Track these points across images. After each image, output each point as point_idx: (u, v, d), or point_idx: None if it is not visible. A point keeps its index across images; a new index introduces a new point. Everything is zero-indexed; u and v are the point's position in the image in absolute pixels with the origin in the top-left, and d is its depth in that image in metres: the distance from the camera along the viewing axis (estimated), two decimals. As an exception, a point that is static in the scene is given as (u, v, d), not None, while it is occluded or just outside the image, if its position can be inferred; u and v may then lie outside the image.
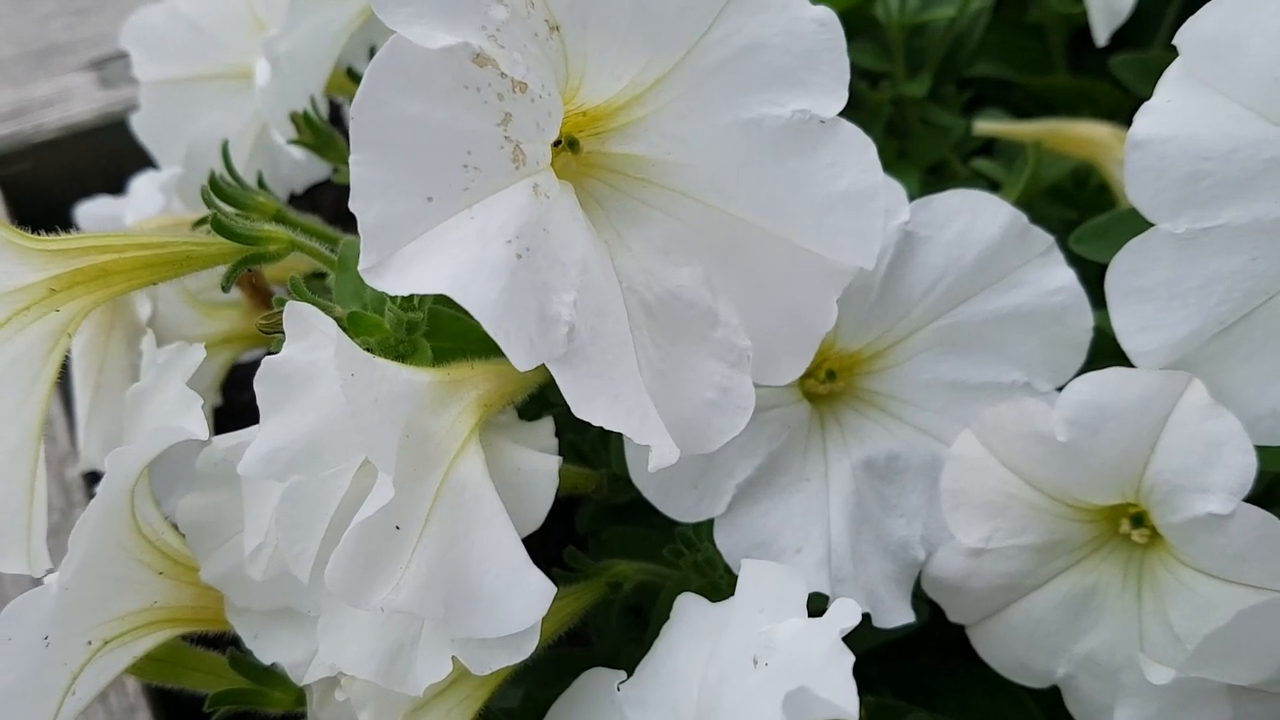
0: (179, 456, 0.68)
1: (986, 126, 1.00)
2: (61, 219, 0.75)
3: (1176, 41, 0.59)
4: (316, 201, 1.11)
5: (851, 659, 0.50)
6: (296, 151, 0.91)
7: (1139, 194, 0.60)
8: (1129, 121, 0.61)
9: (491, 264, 0.50)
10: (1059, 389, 0.66)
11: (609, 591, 0.73)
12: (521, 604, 0.55)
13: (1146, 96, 0.60)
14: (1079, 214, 0.96)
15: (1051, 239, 0.70)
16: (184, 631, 0.69)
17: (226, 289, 0.65)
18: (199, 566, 0.65)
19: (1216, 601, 0.62)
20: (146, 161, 1.03)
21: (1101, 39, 0.92)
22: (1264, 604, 0.58)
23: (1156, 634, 0.65)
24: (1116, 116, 1.00)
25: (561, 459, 0.64)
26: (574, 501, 0.84)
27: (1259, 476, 0.60)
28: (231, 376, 0.97)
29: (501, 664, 0.57)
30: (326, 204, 1.15)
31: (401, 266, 0.49)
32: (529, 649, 0.56)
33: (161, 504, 0.72)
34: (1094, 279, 0.67)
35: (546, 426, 0.67)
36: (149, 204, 0.93)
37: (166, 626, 0.67)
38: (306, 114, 0.87)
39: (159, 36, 0.97)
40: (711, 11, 0.58)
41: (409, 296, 0.63)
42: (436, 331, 0.65)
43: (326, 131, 0.87)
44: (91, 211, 1.04)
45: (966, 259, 0.68)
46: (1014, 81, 1.10)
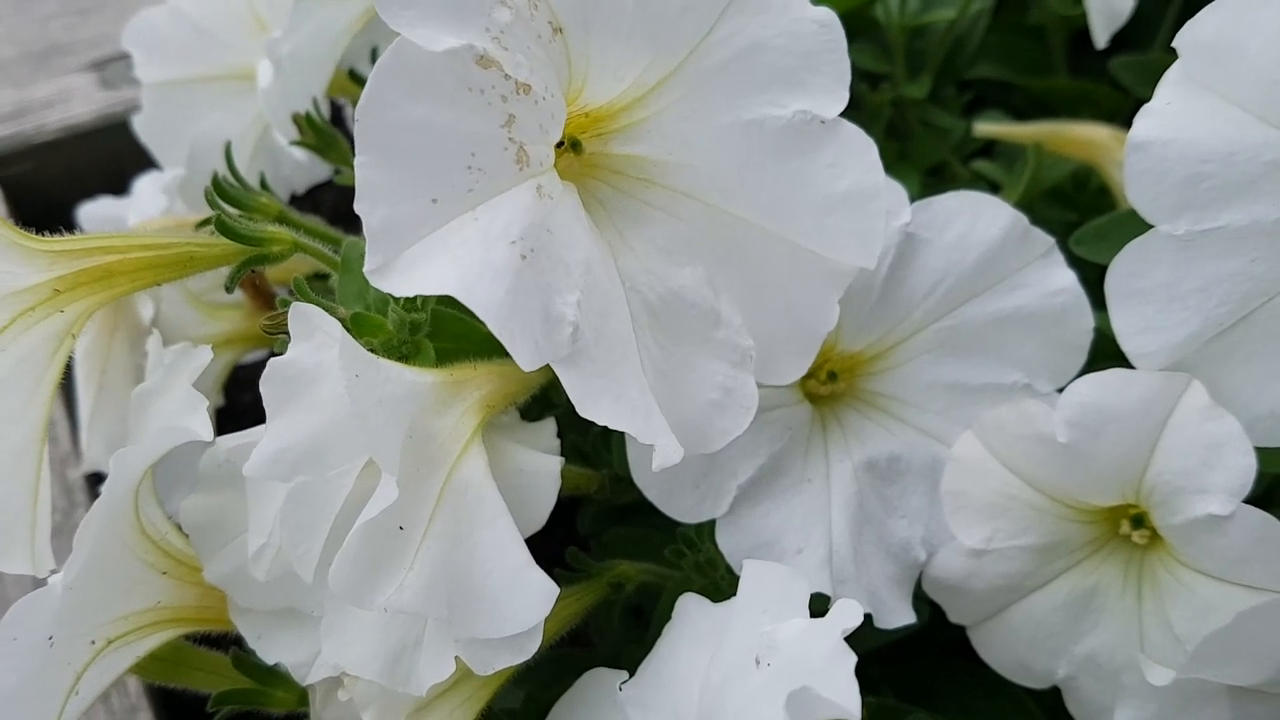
0: (181, 457, 0.67)
1: (986, 129, 1.00)
2: (62, 220, 0.75)
3: (1176, 44, 0.59)
4: (318, 202, 1.11)
5: (854, 659, 0.50)
6: (298, 152, 0.91)
7: (1139, 196, 0.60)
8: (1129, 123, 0.61)
9: (496, 265, 0.50)
10: (1060, 390, 0.66)
11: (611, 592, 0.73)
12: (524, 604, 0.56)
13: (1146, 98, 0.60)
14: (1079, 216, 0.96)
15: (1052, 241, 0.70)
16: (187, 631, 0.69)
17: (230, 290, 0.65)
18: (202, 567, 0.65)
19: (1216, 602, 0.62)
20: (147, 162, 1.03)
21: (1101, 41, 0.92)
22: (1264, 605, 0.58)
23: (1157, 635, 0.65)
24: (1116, 118, 1.00)
25: (564, 460, 0.64)
26: (575, 502, 0.84)
27: (1259, 478, 0.60)
28: (233, 377, 0.97)
29: (504, 664, 0.57)
30: (327, 205, 1.15)
31: (406, 268, 0.49)
32: (532, 649, 0.56)
33: (163, 504, 0.72)
34: (1094, 280, 0.67)
35: (549, 427, 0.67)
36: (152, 205, 0.93)
37: (170, 626, 0.67)
38: (309, 115, 0.87)
39: (161, 37, 0.97)
40: (713, 13, 0.58)
41: (412, 297, 0.63)
42: (439, 332, 0.65)
43: (329, 133, 0.87)
44: (94, 212, 1.04)
45: (967, 261, 0.69)
46: (1014, 83, 1.10)
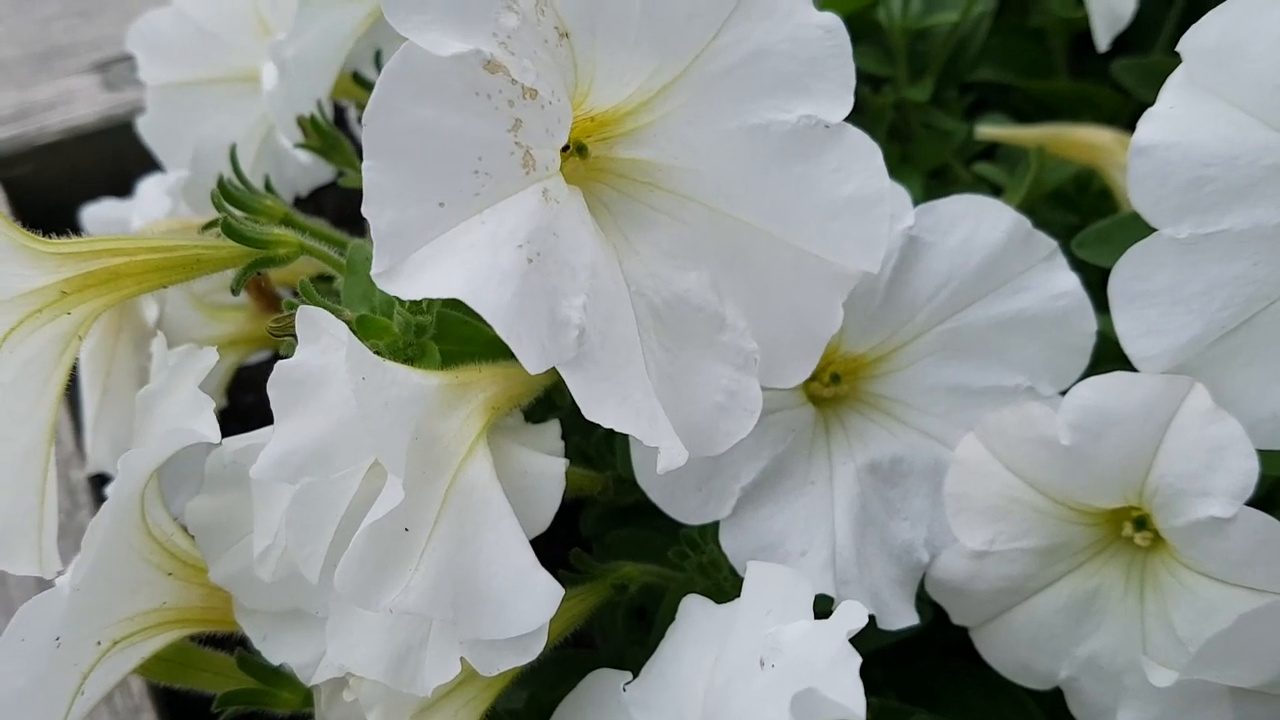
0: (185, 457, 0.67)
1: (988, 132, 1.00)
2: (64, 221, 0.75)
3: (1180, 48, 0.59)
4: (321, 204, 1.11)
5: (859, 661, 0.51)
6: (302, 155, 0.92)
7: (1142, 200, 0.60)
8: (1130, 126, 0.61)
9: (503, 268, 0.51)
10: (1062, 393, 0.67)
11: (614, 594, 0.74)
12: (529, 606, 0.56)
13: (1148, 101, 0.60)
14: (1081, 218, 0.96)
15: (1055, 244, 0.70)
16: (192, 632, 0.69)
17: (236, 292, 0.66)
18: (208, 568, 0.66)
19: (1219, 604, 0.62)
20: (150, 163, 1.03)
21: (1103, 44, 0.92)
22: (1266, 607, 0.59)
23: (1159, 636, 0.65)
24: (1117, 121, 1.01)
25: (568, 461, 0.64)
26: (578, 504, 0.85)
27: (1260, 480, 0.60)
28: (235, 379, 0.97)
29: (509, 665, 0.57)
30: (331, 207, 1.14)
31: (414, 271, 0.49)
32: (537, 650, 0.56)
33: (168, 505, 0.72)
34: (1096, 283, 0.67)
35: (553, 429, 0.67)
36: (156, 207, 0.93)
37: (175, 627, 0.67)
38: (313, 118, 0.87)
39: (165, 39, 0.97)
40: (718, 18, 0.58)
41: (417, 300, 0.63)
42: (444, 335, 0.65)
43: (333, 135, 0.87)
44: (98, 214, 1.04)
45: (970, 264, 0.69)
46: (1016, 86, 1.10)
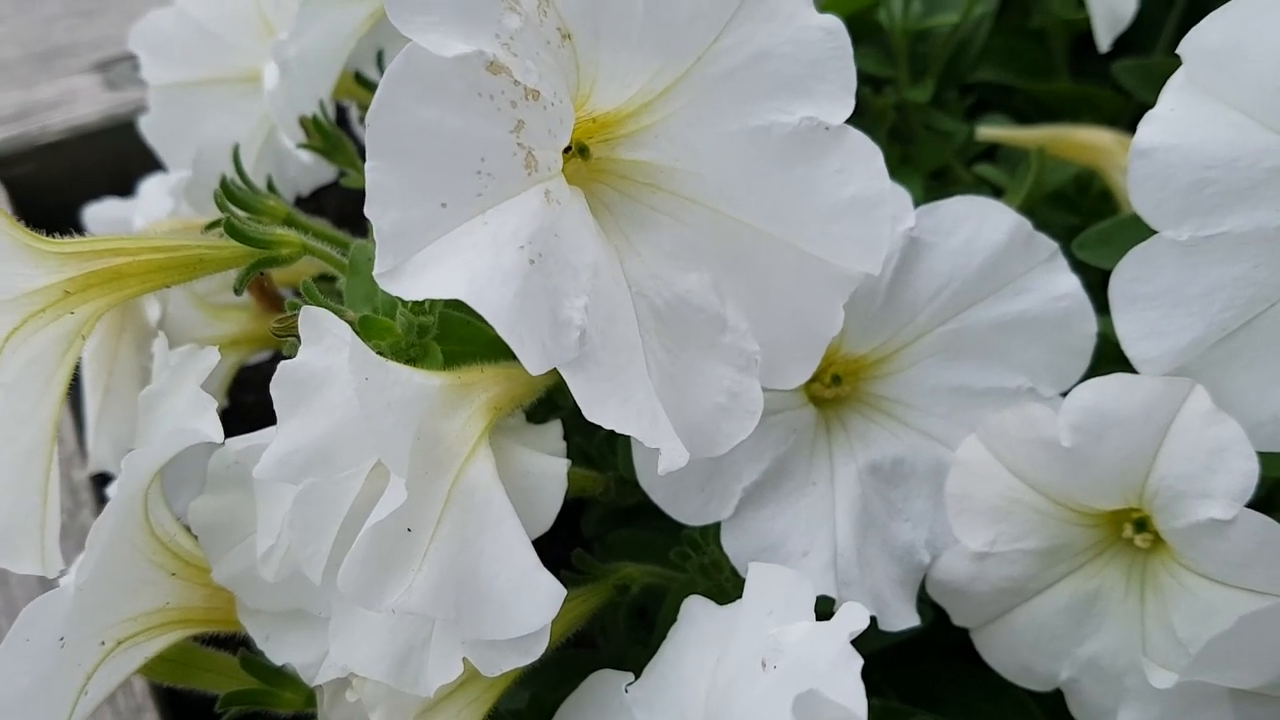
0: (185, 458, 0.67)
1: (989, 133, 1.00)
2: (66, 221, 0.75)
3: (1180, 50, 0.59)
4: (322, 204, 1.11)
5: (860, 662, 0.51)
6: (304, 154, 0.92)
7: (1143, 202, 0.60)
8: (1131, 127, 0.61)
9: (505, 269, 0.51)
10: (1063, 394, 0.67)
11: (616, 594, 0.74)
12: (532, 606, 0.56)
13: (1148, 102, 0.61)
14: (1081, 219, 0.96)
15: (1056, 245, 0.70)
16: (195, 632, 0.69)
17: (239, 292, 0.66)
18: (211, 568, 0.66)
19: (1219, 606, 0.62)
20: (151, 163, 1.03)
21: (1104, 45, 0.92)
22: (1266, 609, 0.59)
23: (1159, 638, 0.65)
24: (1118, 122, 1.01)
25: (569, 462, 0.64)
26: (580, 504, 0.85)
27: (1260, 482, 0.60)
28: (235, 378, 0.97)
29: (511, 665, 0.57)
30: (332, 206, 1.15)
31: (416, 271, 0.50)
32: (539, 651, 0.57)
33: (170, 504, 0.72)
34: (1097, 284, 0.67)
35: (555, 430, 0.67)
36: (158, 207, 0.93)
37: (178, 627, 0.67)
38: (315, 118, 0.87)
39: (167, 40, 0.98)
40: (720, 20, 0.58)
41: (420, 301, 0.63)
42: (446, 335, 0.65)
43: (335, 135, 0.87)
44: (100, 214, 1.04)
45: (972, 265, 0.69)
46: (1016, 87, 1.10)
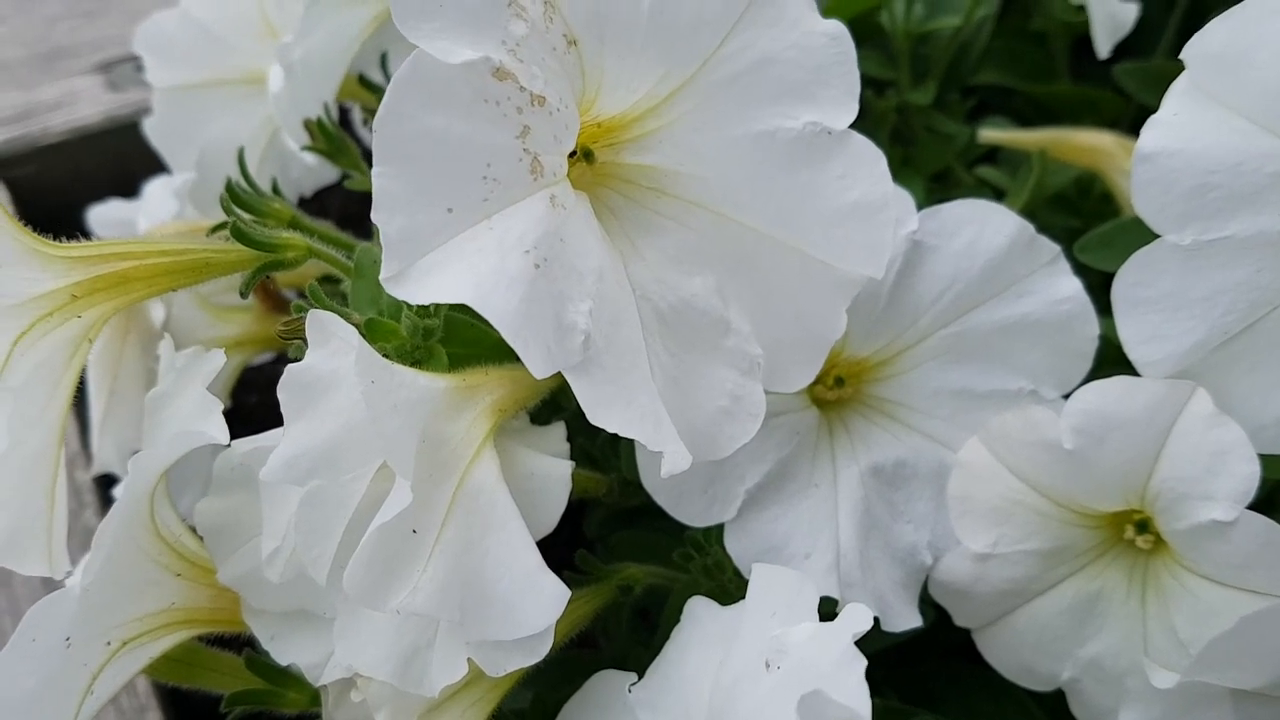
0: (189, 459, 0.68)
1: (991, 135, 1.00)
2: (68, 221, 0.75)
3: (1184, 55, 0.59)
4: (325, 205, 1.12)
5: (864, 663, 0.51)
6: (307, 156, 0.92)
7: (1145, 206, 0.60)
8: (1131, 129, 0.61)
9: (510, 274, 0.51)
10: (1065, 397, 0.67)
11: (619, 595, 0.74)
12: (536, 607, 0.56)
13: (1149, 104, 0.61)
14: (1083, 222, 0.96)
15: (1058, 249, 0.70)
16: (200, 633, 0.69)
17: (245, 295, 0.66)
18: (216, 568, 0.66)
19: (1220, 607, 0.62)
20: (154, 164, 1.04)
21: (1104, 51, 0.92)
22: (1267, 609, 0.59)
23: (1161, 639, 0.65)
24: (1119, 124, 1.01)
25: (573, 463, 0.65)
26: (583, 505, 0.85)
27: (1261, 484, 0.60)
28: (238, 380, 0.97)
29: (516, 666, 0.57)
30: (335, 208, 1.15)
31: (422, 276, 0.50)
32: (543, 651, 0.57)
33: (175, 505, 0.72)
34: (1098, 286, 0.67)
35: (558, 431, 0.67)
36: (162, 209, 0.94)
37: (184, 627, 0.67)
38: (320, 120, 0.87)
39: (171, 41, 0.98)
40: (725, 26, 0.59)
41: (426, 304, 0.63)
42: (451, 338, 0.66)
43: (339, 138, 0.87)
44: (105, 215, 1.05)
45: (974, 268, 0.69)
46: (1017, 89, 1.11)
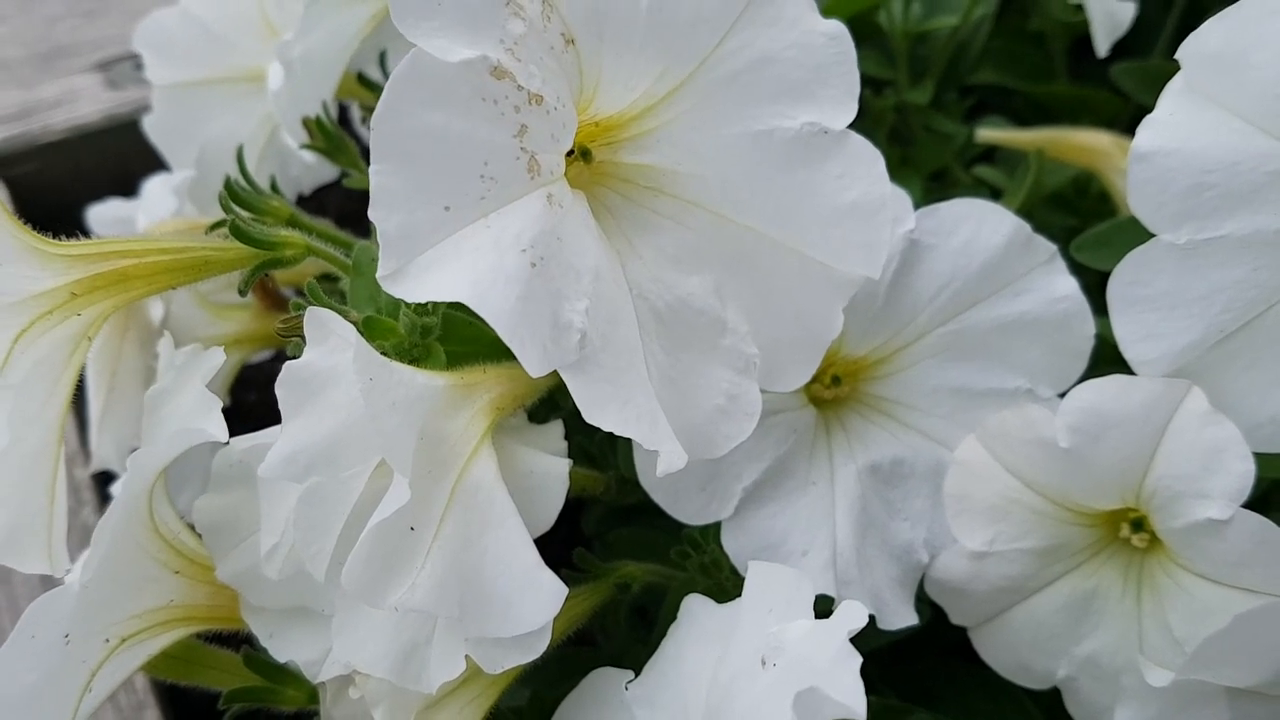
0: (188, 456, 0.68)
1: (988, 135, 1.00)
2: (68, 220, 0.75)
3: (1179, 55, 0.59)
4: (323, 203, 1.12)
5: (859, 660, 0.51)
6: (306, 154, 0.92)
7: (1142, 206, 0.60)
8: (1129, 129, 0.61)
9: (507, 272, 0.51)
10: (1061, 395, 0.67)
11: (616, 592, 0.74)
12: (534, 604, 0.56)
13: (1147, 104, 0.61)
14: (1080, 221, 0.96)
15: (1054, 248, 0.71)
16: (199, 630, 0.69)
17: (244, 293, 0.66)
18: (215, 565, 0.66)
19: (1215, 605, 0.63)
20: (154, 162, 1.04)
21: (1102, 50, 0.92)
22: (1262, 608, 0.59)
23: (1156, 637, 0.65)
24: (1116, 124, 1.01)
25: (571, 461, 0.65)
26: (581, 503, 0.85)
27: (1257, 482, 0.60)
28: (237, 377, 0.97)
29: (514, 663, 0.57)
30: (333, 206, 1.15)
31: (419, 274, 0.50)
32: (541, 648, 0.57)
33: (173, 502, 0.72)
34: (1095, 286, 0.67)
35: (556, 429, 0.67)
36: (162, 207, 0.94)
37: (182, 624, 0.67)
38: (319, 118, 0.87)
39: (171, 40, 0.98)
40: (724, 25, 0.59)
41: (424, 302, 0.63)
42: (449, 336, 0.66)
43: (338, 136, 0.88)
44: (103, 213, 1.05)
45: (971, 267, 0.69)
46: (1015, 89, 1.11)
